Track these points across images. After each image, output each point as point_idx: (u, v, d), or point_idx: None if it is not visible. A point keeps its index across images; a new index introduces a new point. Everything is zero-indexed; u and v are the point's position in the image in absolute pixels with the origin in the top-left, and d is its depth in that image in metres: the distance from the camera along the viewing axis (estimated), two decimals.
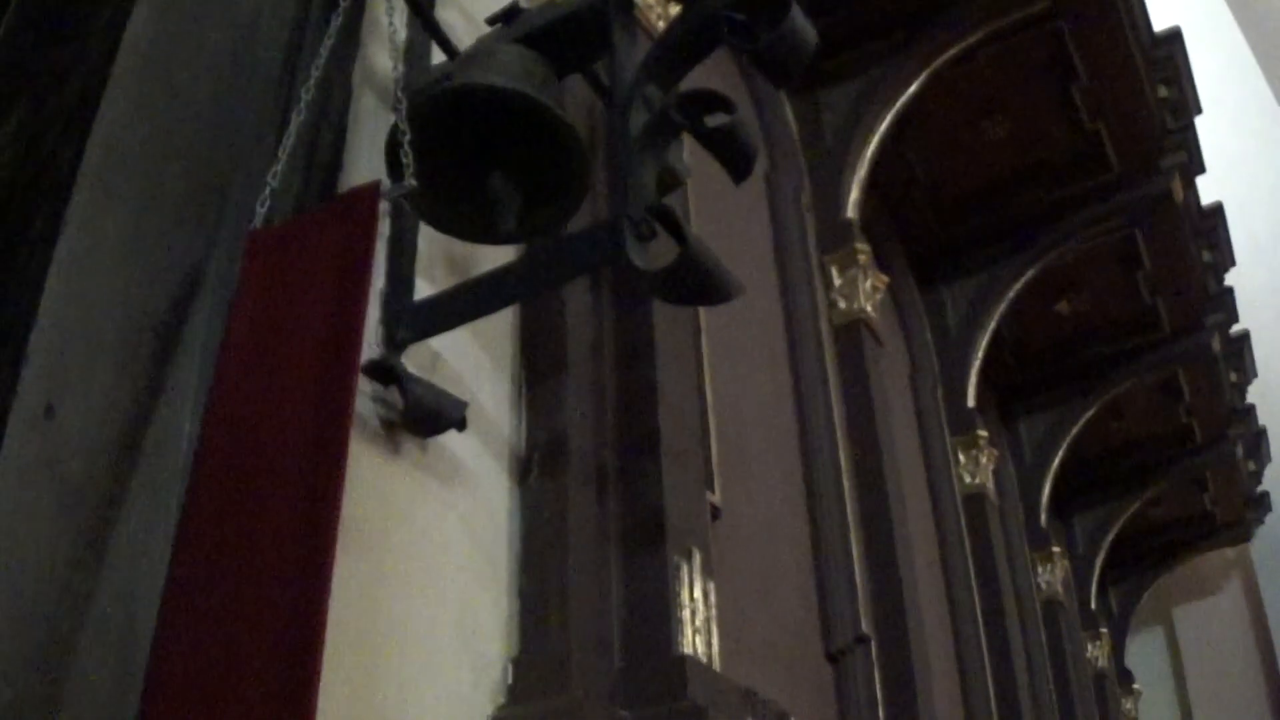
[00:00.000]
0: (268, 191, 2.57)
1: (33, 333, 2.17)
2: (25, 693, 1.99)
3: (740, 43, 2.75)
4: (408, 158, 2.67)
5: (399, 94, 2.76)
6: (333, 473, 2.12)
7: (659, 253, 2.72)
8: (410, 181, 2.61)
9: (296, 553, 2.06)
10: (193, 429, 2.40)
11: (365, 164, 3.04)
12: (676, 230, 2.62)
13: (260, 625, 2.03)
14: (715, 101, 2.72)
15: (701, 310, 4.19)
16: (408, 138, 2.68)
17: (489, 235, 2.99)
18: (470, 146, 2.94)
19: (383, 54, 3.22)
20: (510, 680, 3.06)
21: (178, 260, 2.54)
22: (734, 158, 2.75)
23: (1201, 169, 7.79)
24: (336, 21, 2.84)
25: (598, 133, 3.66)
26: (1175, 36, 7.35)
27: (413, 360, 2.97)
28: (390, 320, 2.95)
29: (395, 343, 2.92)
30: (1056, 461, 8.65)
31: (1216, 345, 8.64)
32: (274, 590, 2.04)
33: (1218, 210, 8.29)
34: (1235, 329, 9.05)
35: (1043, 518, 8.45)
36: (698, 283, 2.71)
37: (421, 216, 3.01)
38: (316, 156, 2.88)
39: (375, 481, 2.80)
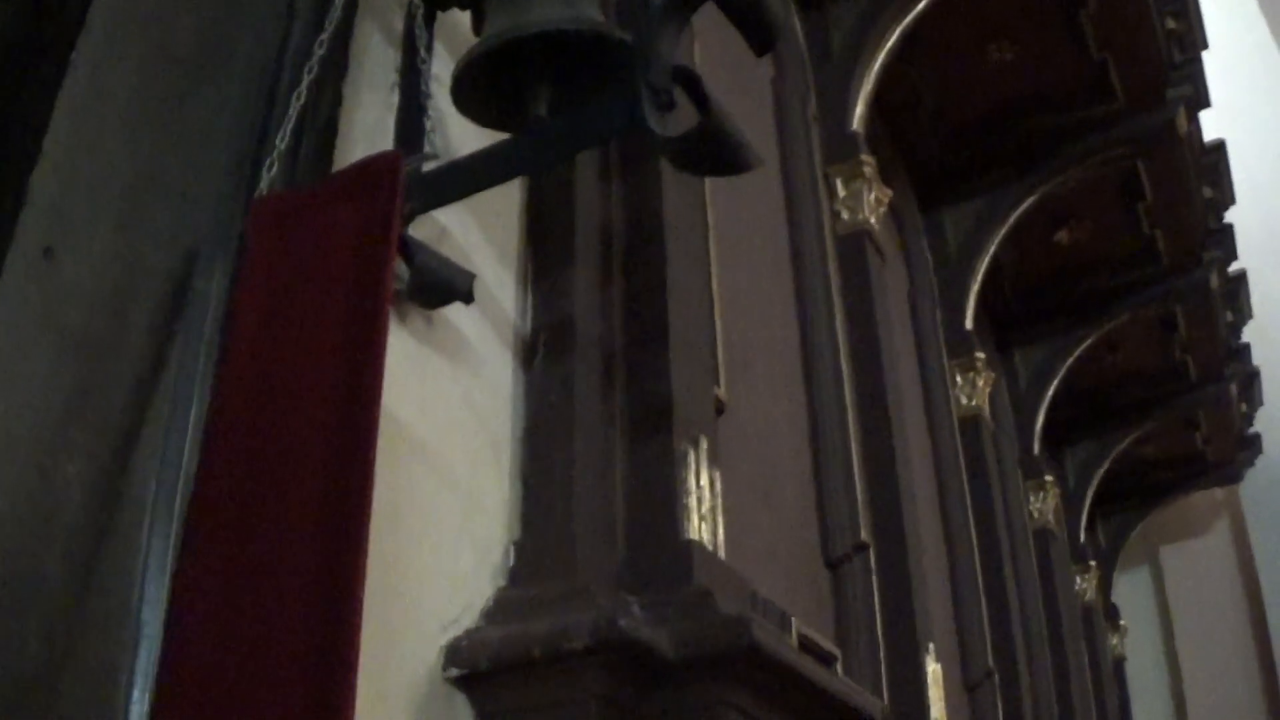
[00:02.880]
0: (274, 154, 2.53)
1: (34, 174, 2.12)
2: (14, 541, 1.95)
3: None
4: (431, 124, 2.61)
5: (422, 51, 2.73)
6: (362, 462, 2.08)
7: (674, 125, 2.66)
8: (431, 151, 2.56)
9: (322, 552, 2.03)
10: (200, 286, 2.36)
11: (363, 121, 2.99)
12: (699, 95, 2.56)
13: (287, 628, 2.00)
14: None
15: (708, 208, 4.13)
16: (430, 100, 2.64)
17: (518, 123, 2.92)
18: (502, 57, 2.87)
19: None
20: (512, 562, 3.02)
21: (187, 120, 2.49)
22: (757, 26, 2.68)
23: (1206, 103, 7.72)
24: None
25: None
26: None
27: (418, 233, 2.91)
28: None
29: (404, 213, 2.86)
30: (1051, 391, 8.61)
31: (1214, 282, 8.59)
32: (299, 594, 2.01)
33: (1220, 147, 8.26)
34: (1233, 268, 8.98)
35: (1036, 446, 8.43)
36: (718, 151, 2.64)
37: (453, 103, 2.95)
38: (314, 114, 2.77)
39: None
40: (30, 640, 1.93)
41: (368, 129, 2.97)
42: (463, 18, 3.22)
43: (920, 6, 6.18)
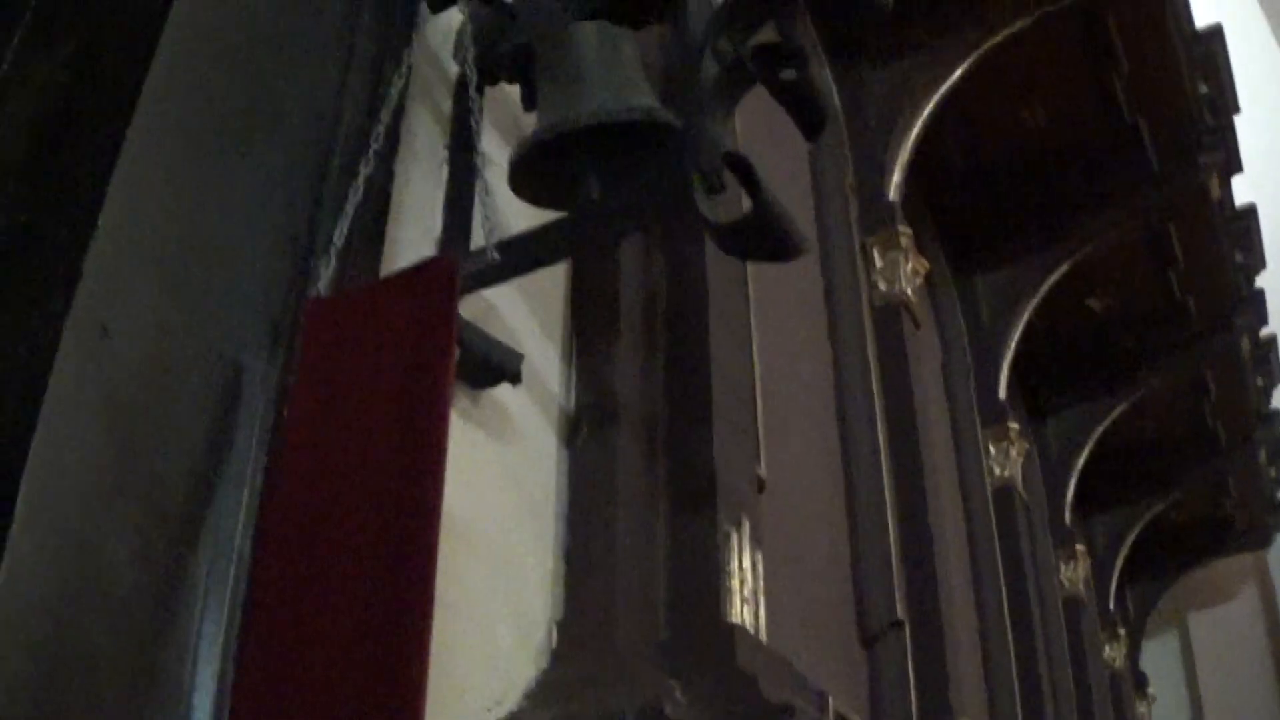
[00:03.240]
0: (332, 251, 2.52)
1: (90, 248, 2.10)
2: (61, 622, 1.93)
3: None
4: (489, 222, 2.61)
5: (479, 151, 2.74)
6: (424, 559, 2.08)
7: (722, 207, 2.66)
8: (492, 255, 2.56)
9: (383, 651, 2.02)
10: (249, 362, 2.35)
11: (413, 198, 2.99)
12: (751, 180, 2.54)
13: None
14: (788, 54, 2.65)
15: (749, 282, 4.12)
16: (486, 195, 2.64)
17: (569, 202, 2.92)
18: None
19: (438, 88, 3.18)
20: (554, 643, 3.00)
21: (236, 189, 2.48)
22: (806, 112, 2.68)
23: (1238, 167, 7.71)
24: (400, 84, 2.80)
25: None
26: (1216, 33, 7.31)
27: (466, 311, 2.90)
28: None
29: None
30: (1082, 458, 8.57)
31: (1245, 347, 8.57)
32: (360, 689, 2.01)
33: (1250, 211, 8.24)
34: (1264, 332, 8.94)
35: (1067, 515, 8.38)
36: (767, 238, 2.63)
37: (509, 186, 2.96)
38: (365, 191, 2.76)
39: None
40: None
41: (417, 205, 2.97)
42: (510, 90, 3.23)
43: (957, 74, 6.18)
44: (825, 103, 2.69)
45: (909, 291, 5.65)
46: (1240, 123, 7.68)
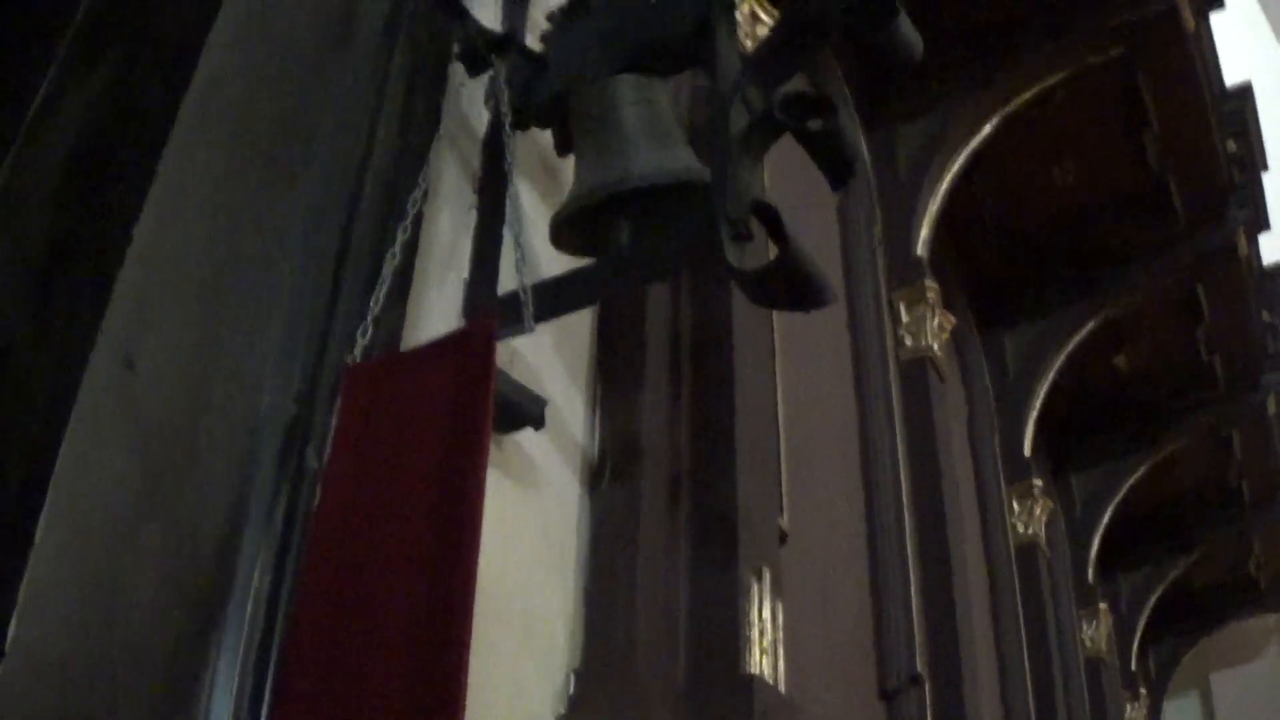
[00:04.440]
0: (369, 319, 2.53)
1: (118, 278, 2.11)
2: (84, 647, 1.93)
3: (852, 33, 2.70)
4: (526, 294, 2.62)
5: (512, 183, 2.76)
6: (459, 626, 2.08)
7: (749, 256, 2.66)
8: (530, 325, 2.57)
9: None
10: (269, 396, 2.35)
11: (440, 242, 3.00)
12: (777, 229, 2.54)
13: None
14: (817, 105, 2.64)
15: (775, 332, 4.12)
16: (521, 249, 2.66)
17: (598, 250, 2.93)
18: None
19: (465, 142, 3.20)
20: (573, 690, 2.98)
21: (266, 217, 2.48)
22: (834, 161, 2.67)
23: (1266, 225, 7.72)
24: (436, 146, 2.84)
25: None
26: (1246, 91, 7.34)
27: None
28: (472, 314, 2.89)
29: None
30: (1107, 517, 8.53)
31: (1272, 406, 8.53)
32: None
33: (1279, 270, 8.21)
34: None
35: (1090, 573, 8.33)
36: (794, 288, 2.62)
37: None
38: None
39: None
40: None
41: (444, 248, 2.97)
42: (539, 137, 3.24)
43: (987, 129, 6.19)
44: (853, 152, 2.68)
45: (935, 347, 5.65)
46: (1268, 180, 7.66)
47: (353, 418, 2.38)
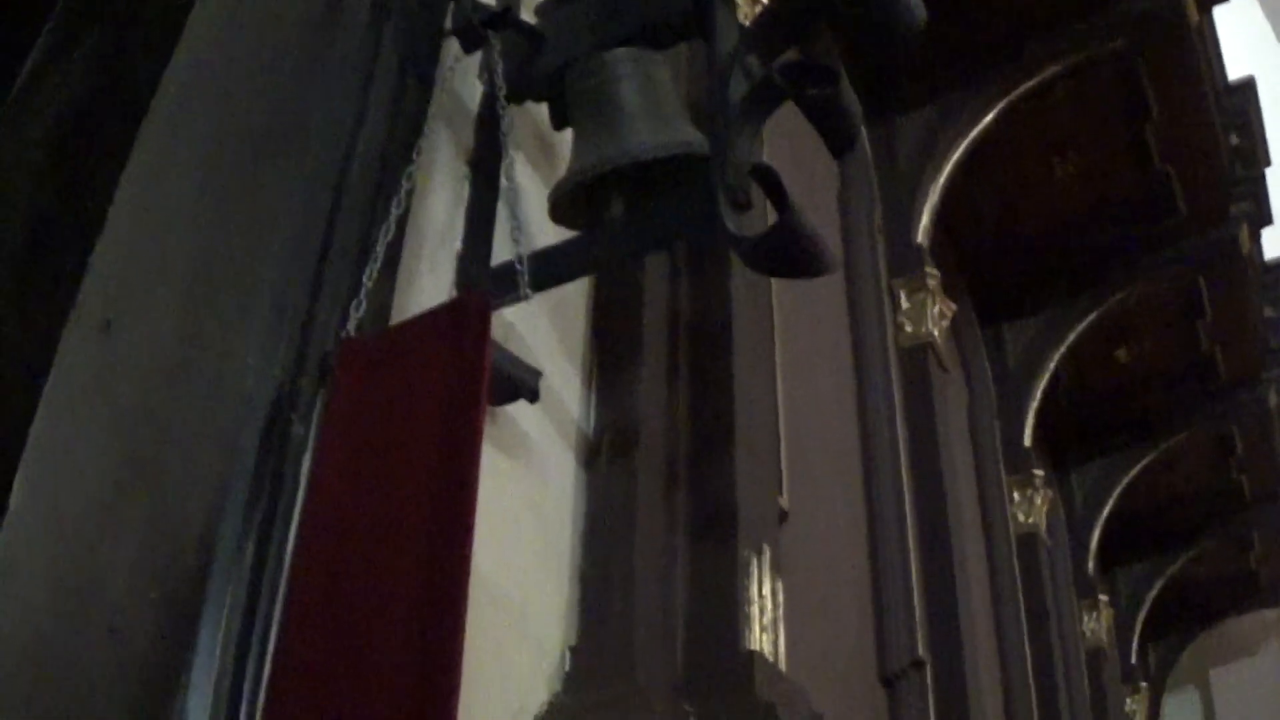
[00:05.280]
0: (362, 294, 2.50)
1: (98, 243, 2.08)
2: (56, 622, 1.89)
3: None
4: (523, 262, 2.59)
5: (508, 156, 2.72)
6: (454, 604, 2.06)
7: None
8: (526, 293, 2.54)
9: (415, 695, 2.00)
10: (258, 365, 2.32)
11: (433, 215, 2.97)
12: (778, 193, 2.51)
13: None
14: (818, 72, 2.61)
15: (775, 316, 4.09)
16: (516, 220, 2.63)
17: (593, 221, 2.90)
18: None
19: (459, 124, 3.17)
20: (569, 668, 2.95)
21: (255, 197, 2.46)
22: (836, 128, 2.64)
23: (1269, 220, 7.68)
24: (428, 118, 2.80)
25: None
26: (1248, 85, 7.30)
27: None
28: (465, 285, 2.86)
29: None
30: (1106, 510, 8.51)
31: (1273, 401, 8.50)
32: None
33: None
34: None
35: (1090, 566, 8.31)
36: (795, 252, 2.58)
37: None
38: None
39: None
40: None
41: (436, 223, 2.95)
42: (534, 110, 3.21)
43: (987, 120, 6.17)
44: (855, 117, 2.65)
45: (935, 334, 5.62)
46: (1271, 175, 7.64)
47: (348, 392, 2.35)
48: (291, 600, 2.17)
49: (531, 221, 3.01)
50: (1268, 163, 7.52)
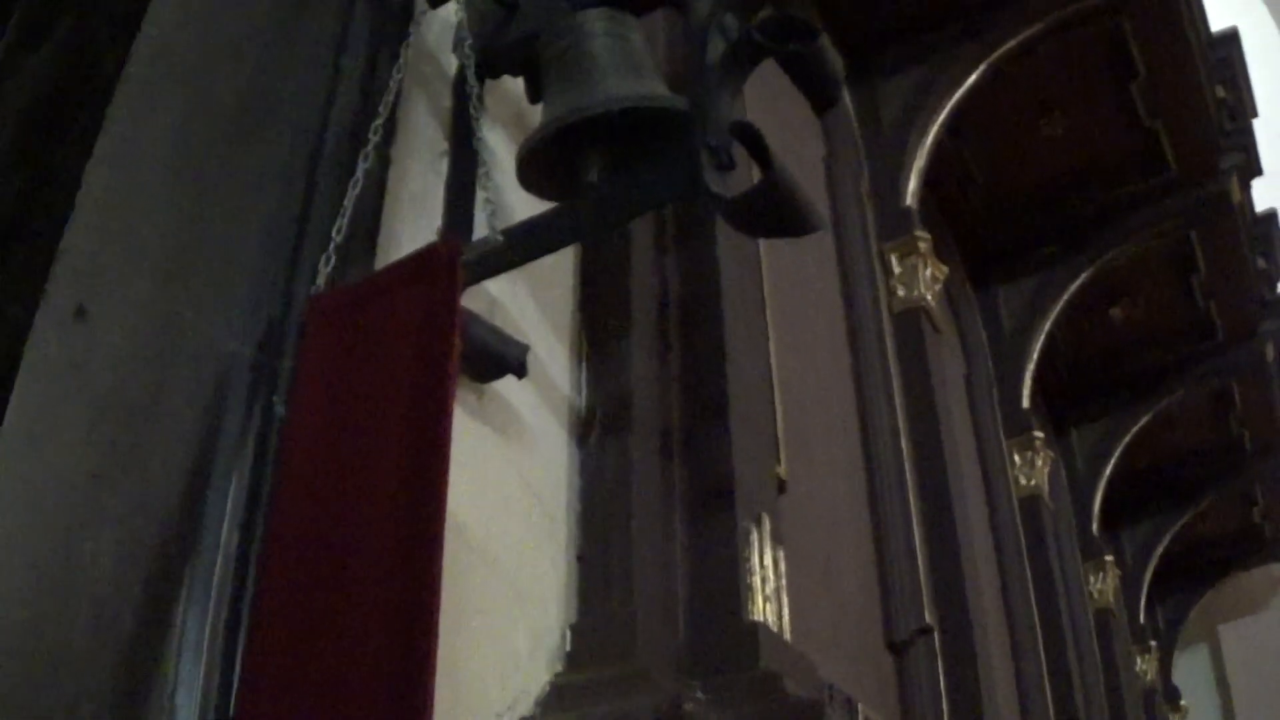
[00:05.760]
0: (331, 248, 2.47)
1: (67, 229, 2.04)
2: (39, 611, 1.85)
3: None
4: (491, 204, 2.54)
5: (478, 136, 2.67)
6: (429, 552, 2.01)
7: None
8: (496, 236, 2.49)
9: (392, 644, 1.96)
10: (237, 349, 2.28)
11: (411, 189, 2.92)
12: (761, 151, 2.45)
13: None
14: (797, 27, 2.56)
15: (765, 285, 4.05)
16: (489, 181, 2.57)
17: (572, 191, 2.84)
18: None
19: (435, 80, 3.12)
20: (569, 647, 2.91)
21: (229, 177, 2.41)
22: (818, 84, 2.60)
23: (1259, 171, 7.64)
24: (398, 77, 2.74)
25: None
26: (1232, 37, 7.31)
27: (470, 306, 2.81)
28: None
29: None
30: (1108, 470, 8.49)
31: (1270, 354, 8.48)
32: (368, 689, 1.95)
33: (1271, 217, 8.20)
34: None
35: (1094, 526, 8.29)
36: (781, 211, 2.53)
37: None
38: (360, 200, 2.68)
39: None
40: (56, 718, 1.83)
41: (415, 197, 2.90)
42: (513, 85, 3.16)
43: (971, 81, 6.12)
44: (836, 73, 2.60)
45: (928, 297, 5.58)
46: (1259, 126, 7.61)
47: (318, 347, 2.32)
48: (267, 557, 2.14)
49: (512, 201, 2.96)
50: (1255, 113, 7.47)
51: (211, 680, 2.03)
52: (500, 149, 3.03)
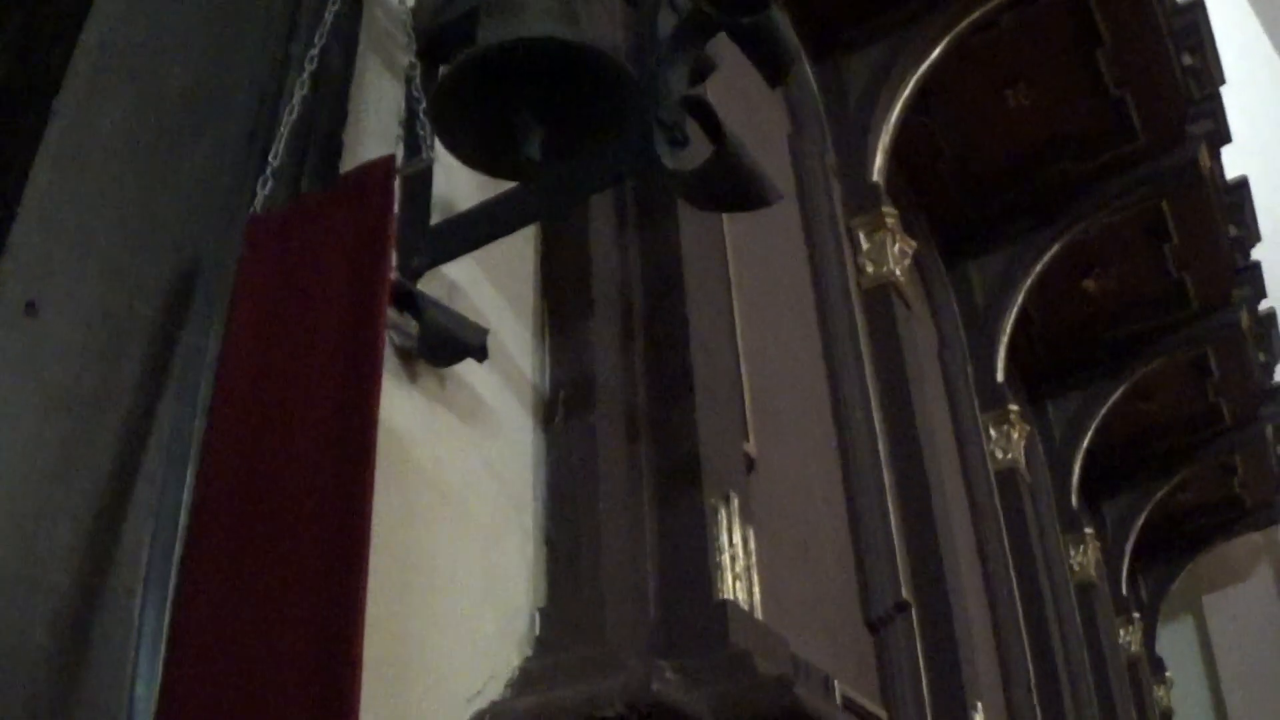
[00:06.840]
0: (268, 171, 2.45)
1: (15, 225, 2.02)
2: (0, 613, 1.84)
3: None
4: (425, 129, 2.50)
5: (412, 60, 2.62)
6: (360, 475, 1.98)
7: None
8: (429, 155, 2.46)
9: (323, 568, 1.93)
10: (192, 341, 2.26)
11: (369, 132, 2.89)
12: (713, 125, 2.43)
13: (289, 639, 1.91)
14: (748, 1, 2.53)
15: (730, 265, 4.02)
16: (423, 107, 2.53)
17: (512, 167, 2.79)
18: (494, 75, 2.71)
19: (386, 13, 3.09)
20: (539, 631, 2.88)
21: (178, 169, 2.40)
22: (770, 56, 2.57)
23: (1228, 138, 7.63)
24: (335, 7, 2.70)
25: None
26: (1197, 4, 7.26)
27: (427, 290, 2.79)
28: (405, 245, 2.76)
29: (411, 270, 2.73)
30: (1086, 442, 8.50)
31: (1245, 321, 8.47)
32: (301, 613, 1.92)
33: (1242, 184, 8.20)
34: (1262, 306, 8.85)
35: (1073, 499, 8.29)
36: (736, 184, 2.51)
37: (441, 143, 2.80)
38: (314, 126, 2.68)
39: (391, 414, 2.59)
40: (17, 715, 1.81)
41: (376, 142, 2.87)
42: None
43: (935, 54, 6.10)
44: (789, 45, 2.57)
45: (897, 272, 5.56)
46: (1227, 93, 7.59)
47: (254, 265, 2.29)
48: (197, 515, 2.08)
49: (471, 191, 2.94)
50: (1223, 81, 7.46)
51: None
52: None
